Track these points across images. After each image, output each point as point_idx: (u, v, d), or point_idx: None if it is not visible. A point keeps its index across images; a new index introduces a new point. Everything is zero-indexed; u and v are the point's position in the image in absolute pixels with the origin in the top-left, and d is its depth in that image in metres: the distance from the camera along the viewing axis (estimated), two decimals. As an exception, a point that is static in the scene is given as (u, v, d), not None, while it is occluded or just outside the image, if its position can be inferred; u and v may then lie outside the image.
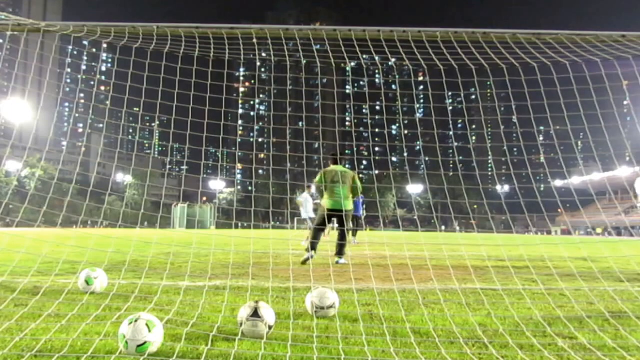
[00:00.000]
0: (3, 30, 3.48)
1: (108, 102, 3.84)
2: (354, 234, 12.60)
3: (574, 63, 3.07)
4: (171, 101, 3.89)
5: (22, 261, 4.83)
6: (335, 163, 6.19)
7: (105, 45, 3.72)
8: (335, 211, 5.77)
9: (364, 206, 13.26)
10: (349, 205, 5.89)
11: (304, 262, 5.50)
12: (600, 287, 3.76)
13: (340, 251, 5.89)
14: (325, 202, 5.82)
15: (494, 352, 1.91)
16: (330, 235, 12.17)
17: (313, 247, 5.64)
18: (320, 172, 6.06)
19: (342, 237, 5.93)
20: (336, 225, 6.16)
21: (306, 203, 11.61)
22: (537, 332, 2.28)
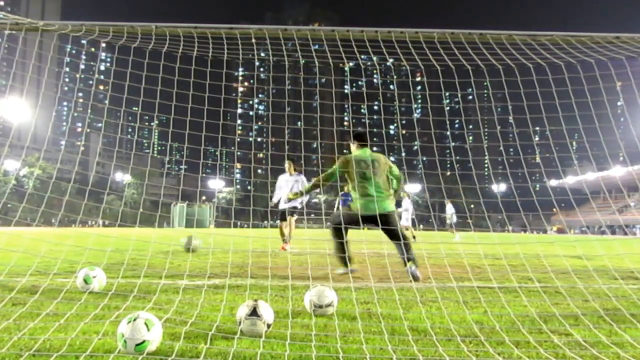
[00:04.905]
0: (1, 29, 3.48)
1: (107, 102, 3.85)
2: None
3: (569, 64, 3.10)
4: (170, 100, 3.90)
5: (20, 260, 4.82)
6: (363, 147, 4.38)
7: (103, 45, 3.72)
8: (370, 217, 4.11)
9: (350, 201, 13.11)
10: (389, 205, 4.29)
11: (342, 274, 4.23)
12: (595, 284, 3.80)
13: (408, 255, 4.03)
14: (356, 205, 4.25)
15: (490, 350, 1.94)
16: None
17: (344, 261, 4.21)
18: (338, 162, 4.32)
19: (397, 238, 4.13)
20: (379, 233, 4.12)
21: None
22: (532, 329, 2.31)
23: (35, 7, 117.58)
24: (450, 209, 16.32)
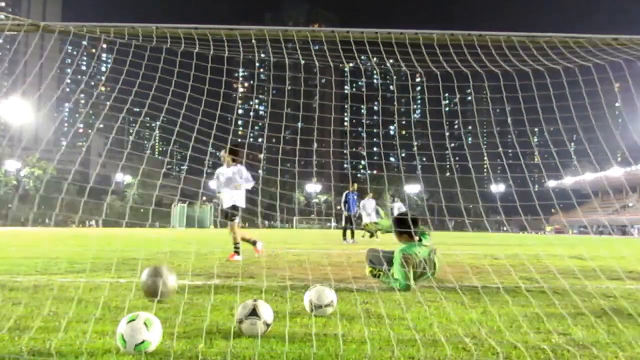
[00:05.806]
0: (2, 30, 3.49)
1: (108, 102, 3.86)
2: (352, 234, 12.69)
3: (568, 69, 3.12)
4: (171, 101, 3.90)
5: (21, 260, 4.83)
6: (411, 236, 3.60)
7: (104, 46, 3.73)
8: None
9: (358, 204, 13.41)
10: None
11: None
12: (595, 284, 3.80)
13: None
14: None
15: (490, 348, 1.94)
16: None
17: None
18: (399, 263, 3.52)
19: None
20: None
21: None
22: (532, 329, 2.31)
23: (36, 8, 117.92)
24: (400, 207, 18.29)
